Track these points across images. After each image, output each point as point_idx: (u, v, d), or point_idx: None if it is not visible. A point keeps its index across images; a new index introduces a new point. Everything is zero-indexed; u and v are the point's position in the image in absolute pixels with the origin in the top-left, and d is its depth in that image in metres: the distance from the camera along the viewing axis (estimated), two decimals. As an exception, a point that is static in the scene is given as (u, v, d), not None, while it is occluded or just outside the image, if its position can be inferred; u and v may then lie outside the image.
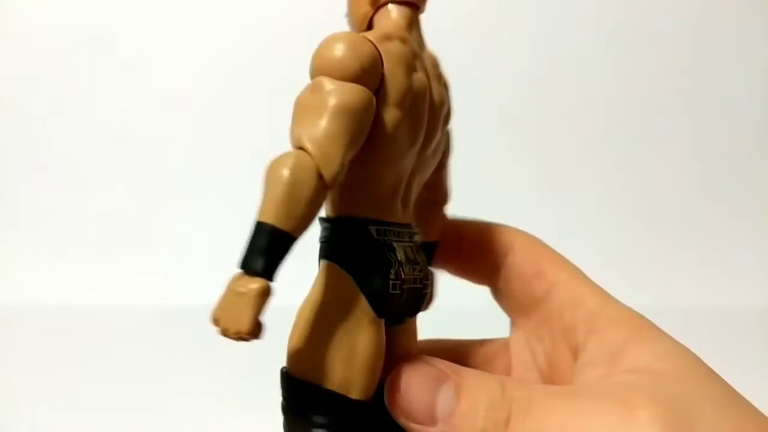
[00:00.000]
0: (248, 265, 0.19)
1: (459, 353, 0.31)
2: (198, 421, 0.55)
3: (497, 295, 0.32)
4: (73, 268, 0.91)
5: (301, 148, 0.20)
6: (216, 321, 0.19)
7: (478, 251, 0.30)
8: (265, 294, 0.19)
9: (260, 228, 0.19)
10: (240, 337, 0.19)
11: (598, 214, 0.97)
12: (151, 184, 0.94)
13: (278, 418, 0.34)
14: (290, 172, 0.19)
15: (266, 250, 0.19)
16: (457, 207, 0.30)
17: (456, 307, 0.32)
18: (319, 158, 0.19)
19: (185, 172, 0.95)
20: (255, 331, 0.19)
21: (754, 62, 0.98)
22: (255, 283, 0.19)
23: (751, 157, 0.99)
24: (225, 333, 0.19)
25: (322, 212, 0.23)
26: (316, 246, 0.23)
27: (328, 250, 0.23)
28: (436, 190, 0.29)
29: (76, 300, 0.86)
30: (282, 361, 0.34)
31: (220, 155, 0.95)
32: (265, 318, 0.19)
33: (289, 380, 0.22)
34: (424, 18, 0.26)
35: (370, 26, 0.25)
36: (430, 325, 0.29)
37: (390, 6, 0.24)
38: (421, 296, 0.24)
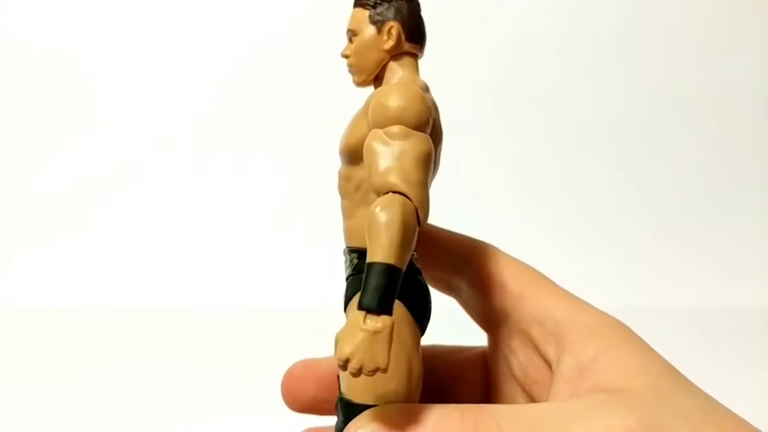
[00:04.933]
0: (376, 305, 0.20)
1: (435, 360, 0.30)
2: (197, 419, 0.55)
3: (463, 307, 0.31)
4: (73, 268, 0.91)
5: (397, 192, 0.22)
6: (348, 360, 0.20)
7: (436, 261, 0.29)
8: (393, 330, 0.20)
9: (386, 270, 0.20)
10: (374, 371, 0.20)
11: (598, 213, 0.97)
12: (152, 184, 0.94)
13: (276, 416, 0.34)
14: (403, 218, 0.21)
15: (388, 289, 0.20)
16: (458, 209, 0.30)
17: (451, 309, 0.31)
18: (417, 203, 0.22)
19: (185, 173, 0.94)
20: (389, 364, 0.20)
21: (755, 60, 0.98)
22: (384, 321, 0.20)
23: (751, 157, 0.99)
24: (360, 370, 0.20)
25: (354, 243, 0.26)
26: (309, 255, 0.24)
27: None
28: None
29: (76, 300, 0.86)
30: (282, 360, 0.34)
31: (219, 156, 0.94)
32: (264, 320, 0.19)
33: (350, 407, 0.23)
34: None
35: (380, 73, 0.26)
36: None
37: (406, 57, 0.26)
38: None
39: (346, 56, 0.27)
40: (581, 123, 0.97)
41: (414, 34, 0.26)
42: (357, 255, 0.25)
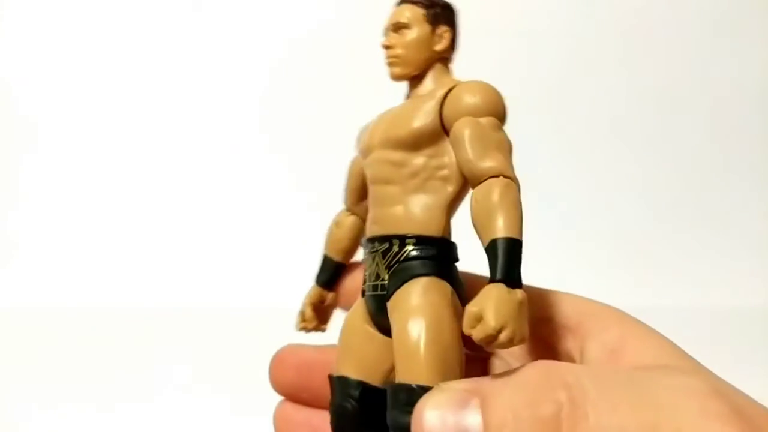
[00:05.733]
0: (515, 278, 0.22)
1: None
2: (198, 419, 0.55)
3: None
4: (72, 269, 0.91)
5: (506, 177, 0.24)
6: (500, 330, 0.20)
7: None
8: None
9: (517, 245, 0.22)
10: (521, 341, 0.21)
11: (598, 213, 0.97)
12: (151, 185, 0.94)
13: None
14: (519, 200, 0.23)
15: (520, 263, 0.22)
16: (461, 210, 0.29)
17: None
18: (518, 188, 0.24)
19: (185, 173, 0.95)
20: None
21: (755, 60, 0.98)
22: (522, 294, 0.21)
23: (752, 157, 0.99)
24: (509, 341, 0.20)
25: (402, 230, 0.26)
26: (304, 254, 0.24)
27: (438, 268, 0.25)
28: None
29: (76, 300, 0.86)
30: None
31: (217, 156, 0.95)
32: (263, 319, 0.19)
33: (413, 391, 0.23)
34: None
35: (425, 71, 0.27)
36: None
37: (447, 62, 0.28)
38: None
39: (389, 47, 0.27)
40: (583, 124, 0.98)
41: (456, 42, 0.28)
42: (414, 240, 0.25)
